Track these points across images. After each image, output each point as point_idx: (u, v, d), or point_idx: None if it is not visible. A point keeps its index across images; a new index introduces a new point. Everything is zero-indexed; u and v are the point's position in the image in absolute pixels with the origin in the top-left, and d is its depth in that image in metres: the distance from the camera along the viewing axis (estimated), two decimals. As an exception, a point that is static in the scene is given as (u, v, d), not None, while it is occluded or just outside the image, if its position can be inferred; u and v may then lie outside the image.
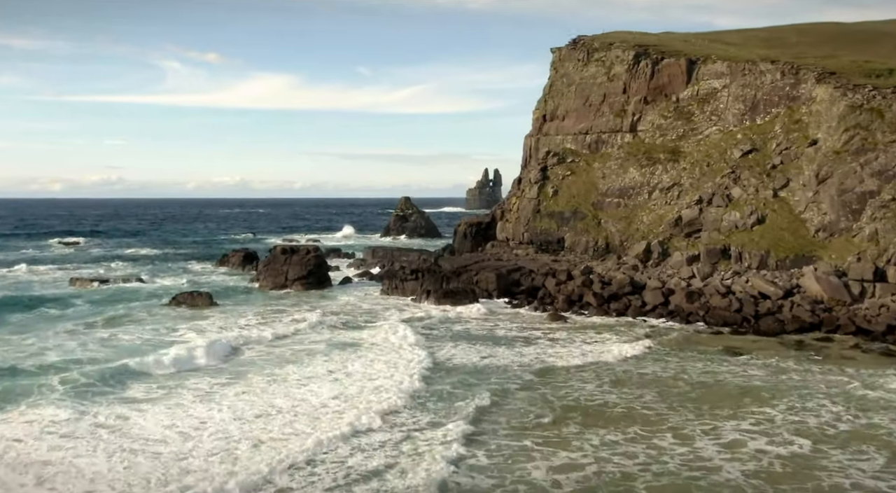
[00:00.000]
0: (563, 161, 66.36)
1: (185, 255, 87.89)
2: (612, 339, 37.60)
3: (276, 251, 60.27)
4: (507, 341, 37.16)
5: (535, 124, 72.57)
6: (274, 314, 44.63)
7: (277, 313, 44.99)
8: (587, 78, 67.60)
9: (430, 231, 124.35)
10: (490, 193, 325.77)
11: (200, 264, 76.42)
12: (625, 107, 64.74)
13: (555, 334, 38.84)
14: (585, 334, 38.66)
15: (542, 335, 38.71)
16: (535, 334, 38.84)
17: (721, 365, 32.27)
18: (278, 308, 47.24)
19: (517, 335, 38.88)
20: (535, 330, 40.20)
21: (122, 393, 26.87)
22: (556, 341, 36.98)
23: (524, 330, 40.36)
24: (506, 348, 35.49)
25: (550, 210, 63.99)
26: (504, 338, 38.25)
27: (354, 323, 42.04)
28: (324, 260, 60.06)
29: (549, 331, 40.06)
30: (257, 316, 43.48)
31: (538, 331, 39.97)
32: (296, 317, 43.40)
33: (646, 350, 33.83)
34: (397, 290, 53.59)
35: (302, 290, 56.46)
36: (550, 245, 63.46)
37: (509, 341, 37.13)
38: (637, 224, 57.29)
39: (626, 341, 36.94)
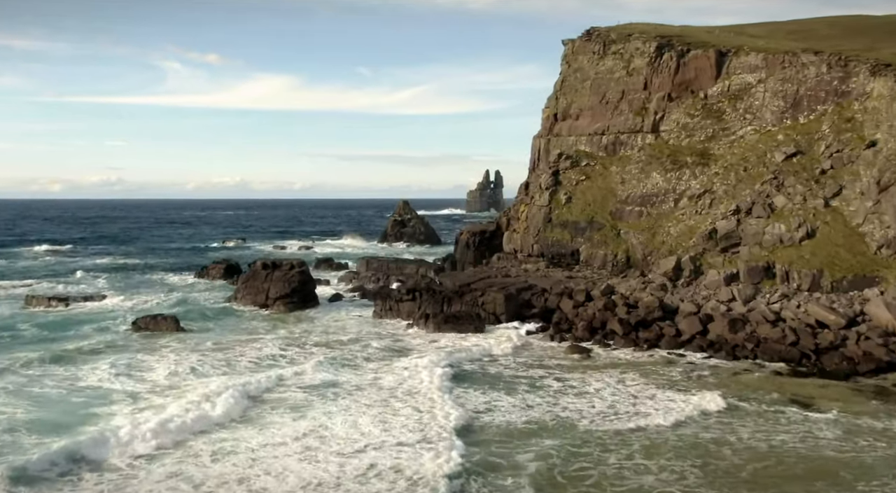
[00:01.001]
0: (577, 165, 59.86)
1: (166, 265, 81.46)
2: (646, 384, 31.02)
3: (257, 266, 53.78)
4: (514, 384, 30.64)
5: (544, 124, 66.07)
6: (243, 346, 38.07)
7: (247, 344, 38.43)
8: (603, 73, 61.07)
9: (430, 237, 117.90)
10: (491, 195, 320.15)
11: (180, 276, 69.99)
12: (646, 104, 58.24)
13: (575, 375, 32.30)
14: (613, 376, 32.09)
15: (560, 375, 32.19)
16: (552, 376, 32.27)
17: (779, 423, 25.80)
18: (250, 337, 40.77)
19: (529, 375, 32.36)
20: (551, 369, 33.67)
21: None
22: (577, 388, 30.41)
23: (538, 367, 33.85)
24: (510, 394, 29.04)
25: (563, 219, 57.50)
26: (513, 379, 31.75)
27: (339, 360, 35.46)
28: (309, 276, 53.55)
29: (568, 369, 33.56)
30: (219, 351, 36.75)
31: (555, 370, 33.45)
32: (263, 351, 36.81)
33: (694, 412, 27.00)
34: (391, 311, 47.10)
35: (285, 310, 50.09)
36: (563, 259, 56.97)
37: (516, 384, 30.59)
38: (662, 236, 50.78)
39: (663, 384, 30.42)
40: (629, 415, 26.59)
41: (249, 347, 37.75)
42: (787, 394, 29.11)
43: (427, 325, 42.35)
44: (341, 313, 49.48)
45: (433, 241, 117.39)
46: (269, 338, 40.15)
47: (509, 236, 60.93)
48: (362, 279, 65.81)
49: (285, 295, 51.22)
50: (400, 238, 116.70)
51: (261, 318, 47.28)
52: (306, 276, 53.00)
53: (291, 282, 51.90)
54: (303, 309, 50.64)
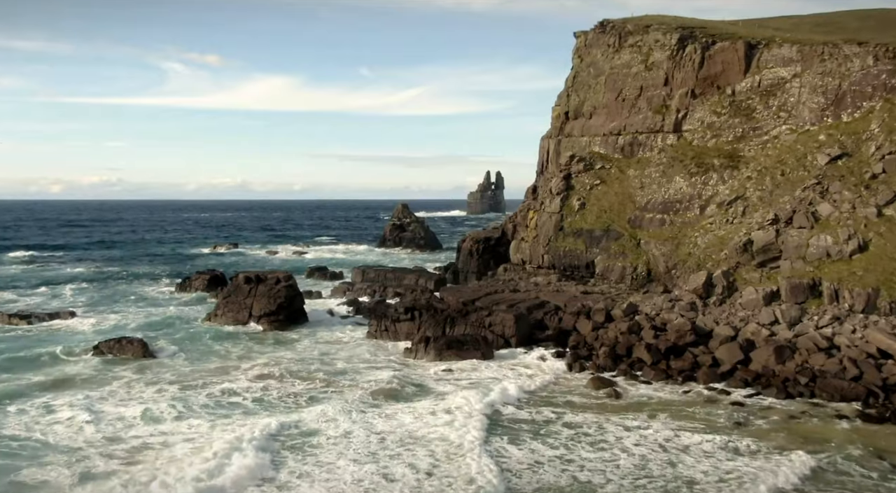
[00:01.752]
0: (591, 168, 54.85)
1: (148, 273, 76.34)
2: (685, 432, 25.95)
3: (239, 280, 48.72)
4: (519, 432, 25.58)
5: (554, 123, 61.05)
6: (209, 377, 32.98)
7: (214, 376, 33.34)
8: (619, 67, 56.06)
9: (430, 242, 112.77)
10: (492, 197, 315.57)
11: (160, 288, 64.94)
12: (667, 102, 53.23)
13: (597, 417, 27.25)
14: (644, 421, 27.02)
15: (578, 418, 27.14)
16: (567, 419, 27.21)
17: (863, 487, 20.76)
18: (222, 364, 35.82)
19: (542, 418, 27.30)
20: (567, 408, 28.62)
21: None
22: (599, 437, 25.34)
23: (552, 405, 28.82)
24: (514, 443, 23.95)
25: (576, 227, 52.48)
26: (521, 422, 26.70)
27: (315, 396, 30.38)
28: (297, 291, 48.46)
29: (592, 410, 28.51)
30: (179, 386, 31.56)
31: (573, 409, 28.41)
32: (236, 383, 31.71)
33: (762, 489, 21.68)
34: (387, 332, 42.05)
35: (269, 328, 45.20)
36: (577, 271, 51.96)
37: (523, 432, 25.54)
38: (688, 247, 45.76)
39: (708, 433, 25.36)
40: (666, 481, 21.50)
41: (217, 379, 32.74)
42: (868, 447, 24.01)
43: (428, 351, 37.26)
44: (332, 333, 44.46)
45: (433, 246, 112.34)
46: (244, 367, 35.14)
47: (517, 246, 55.89)
48: (357, 292, 60.79)
49: (270, 313, 46.24)
50: (399, 243, 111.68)
51: (240, 340, 42.18)
52: (293, 291, 47.94)
53: (277, 298, 46.88)
54: (289, 328, 45.73)
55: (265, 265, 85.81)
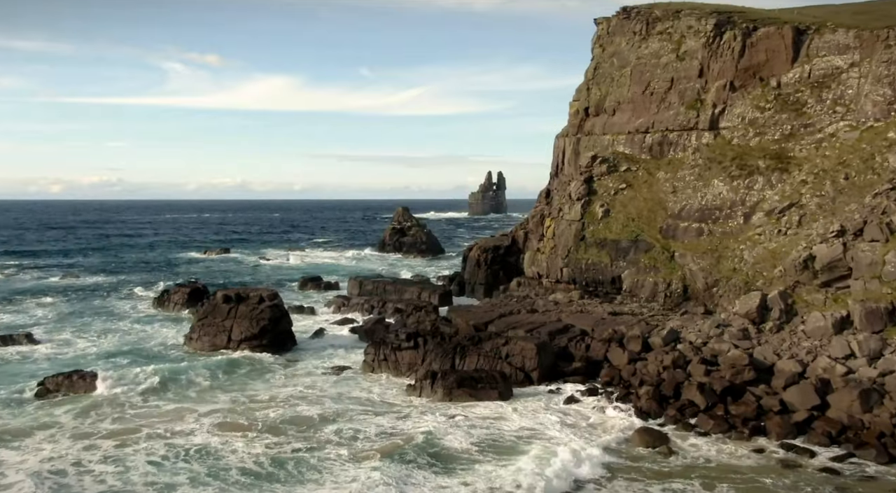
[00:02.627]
0: (615, 170, 48.89)
1: (128, 284, 70.33)
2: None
3: (217, 299, 42.74)
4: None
5: (572, 120, 55.07)
6: (158, 426, 26.94)
7: (165, 424, 27.29)
8: (647, 57, 50.08)
9: (432, 247, 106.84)
10: (493, 197, 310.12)
11: (137, 302, 58.94)
12: (701, 95, 47.30)
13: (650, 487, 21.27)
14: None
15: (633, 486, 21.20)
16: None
17: None
18: (177, 406, 29.90)
19: None
20: (623, 475, 22.65)
21: None
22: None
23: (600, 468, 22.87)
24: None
25: (600, 237, 46.52)
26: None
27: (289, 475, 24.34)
28: (283, 312, 42.50)
29: (643, 476, 22.55)
30: (113, 442, 25.42)
31: (626, 478, 22.44)
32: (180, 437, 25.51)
33: None
34: (386, 363, 36.06)
35: (250, 353, 39.28)
36: (601, 287, 46.02)
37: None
38: (732, 262, 39.80)
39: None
40: None
41: (167, 428, 26.80)
42: None
43: (435, 389, 31.26)
44: (322, 362, 38.51)
45: (435, 250, 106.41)
46: (206, 410, 29.20)
47: (532, 257, 49.89)
48: (353, 307, 54.83)
49: (252, 336, 40.33)
50: (399, 248, 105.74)
51: (213, 369, 36.10)
52: (279, 311, 41.97)
53: (260, 320, 40.94)
54: (274, 353, 39.80)
55: (256, 273, 79.92)
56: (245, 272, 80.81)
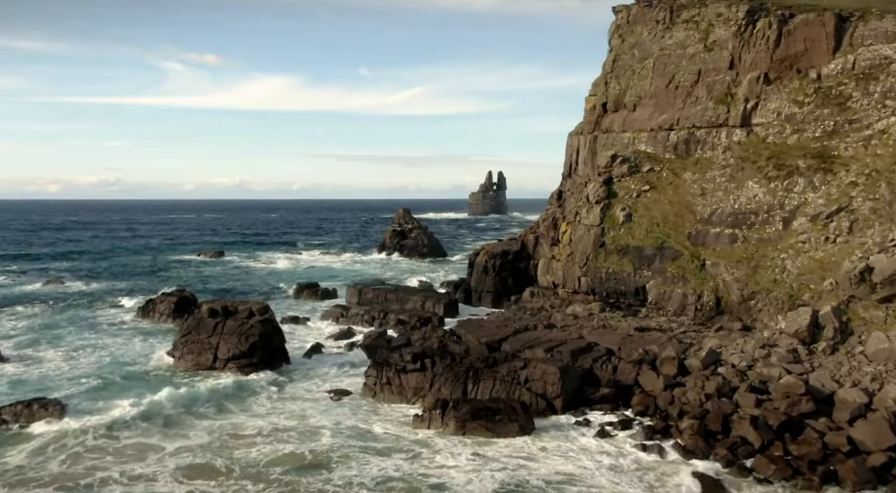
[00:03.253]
0: (638, 170, 44.99)
1: (113, 290, 66.43)
2: None
3: (202, 312, 38.79)
4: None
5: (588, 117, 51.15)
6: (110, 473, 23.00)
7: (128, 464, 23.37)
8: (672, 48, 46.17)
9: (434, 249, 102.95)
10: (494, 197, 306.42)
11: (121, 312, 54.98)
12: (732, 89, 43.41)
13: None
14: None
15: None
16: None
17: None
18: (141, 442, 25.97)
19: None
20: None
21: None
22: None
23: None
24: None
25: (621, 244, 42.61)
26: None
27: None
28: (275, 327, 38.57)
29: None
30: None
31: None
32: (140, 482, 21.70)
33: None
34: (390, 387, 32.12)
35: (239, 374, 35.46)
36: (623, 297, 42.12)
37: None
38: (771, 272, 35.92)
39: None
40: None
41: (123, 470, 23.08)
42: None
43: (446, 421, 27.33)
44: (316, 383, 34.63)
45: (437, 253, 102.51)
46: (175, 448, 25.38)
47: (546, 265, 45.95)
48: (352, 318, 50.91)
49: (240, 355, 36.44)
50: (400, 251, 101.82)
51: (194, 394, 32.18)
52: (270, 326, 38.04)
53: (249, 336, 37.02)
54: (265, 371, 35.95)
55: (249, 278, 75.96)
56: (238, 277, 76.87)
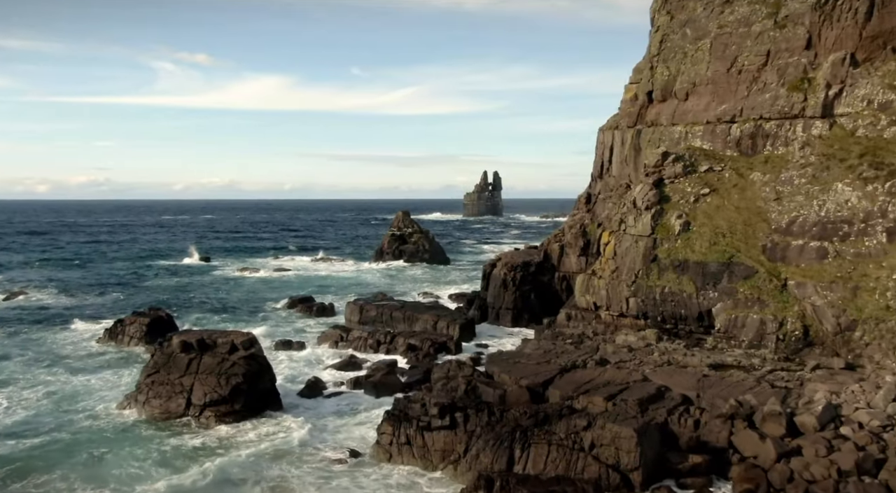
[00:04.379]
0: (694, 170, 38.00)
1: (81, 307, 59.10)
2: None
3: (173, 346, 31.47)
4: None
5: (627, 108, 44.14)
6: None
7: None
8: (733, 25, 39.21)
9: (436, 255, 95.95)
10: (490, 198, 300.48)
11: (85, 335, 47.63)
12: (809, 73, 36.46)
13: None
14: None
15: None
16: None
17: None
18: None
19: None
20: None
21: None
22: None
23: None
24: None
25: (679, 258, 35.58)
26: None
27: None
28: (263, 364, 31.31)
29: None
30: None
31: None
32: None
33: None
34: (410, 447, 25.00)
35: (218, 424, 28.40)
36: (683, 323, 35.09)
37: None
38: (879, 296, 28.97)
39: None
40: None
41: None
42: None
43: (492, 509, 20.20)
44: (314, 437, 27.46)
45: (439, 259, 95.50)
46: None
47: (585, 283, 38.82)
48: (353, 342, 43.78)
49: (220, 400, 29.27)
50: (399, 256, 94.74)
51: (155, 455, 25.02)
52: (257, 364, 30.80)
53: (231, 376, 29.82)
54: (249, 419, 28.85)
55: (236, 289, 68.63)
56: (223, 288, 69.53)
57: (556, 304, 50.36)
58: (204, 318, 53.01)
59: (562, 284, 51.31)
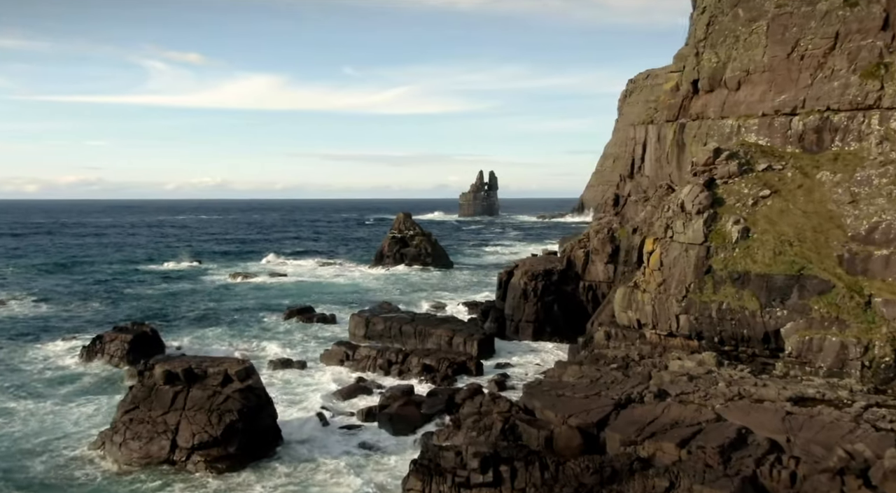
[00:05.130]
0: (750, 169, 33.43)
1: (57, 318, 54.21)
2: None
3: (155, 377, 26.67)
4: None
5: (667, 100, 39.55)
6: None
7: None
8: (793, 4, 34.61)
9: (439, 259, 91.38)
10: (486, 198, 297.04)
11: (60, 352, 42.80)
12: (886, 58, 31.92)
13: None
14: None
15: None
16: None
17: None
18: None
19: None
20: None
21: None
22: None
23: None
24: None
25: (738, 270, 30.98)
26: None
27: None
28: (262, 398, 26.57)
29: None
30: None
31: None
32: None
33: None
34: (446, 510, 20.30)
35: (209, 472, 23.68)
36: (746, 345, 30.51)
37: None
38: None
39: None
40: None
41: None
42: None
43: None
44: (325, 487, 22.78)
45: (442, 263, 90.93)
46: None
47: (626, 298, 34.14)
48: (361, 361, 39.12)
49: (211, 441, 24.53)
50: (400, 260, 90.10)
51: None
52: (255, 398, 26.07)
53: (224, 413, 25.10)
54: (246, 467, 24.15)
55: (227, 298, 63.77)
56: (214, 297, 64.64)
57: (582, 316, 45.86)
58: (194, 332, 48.20)
59: (587, 294, 46.78)
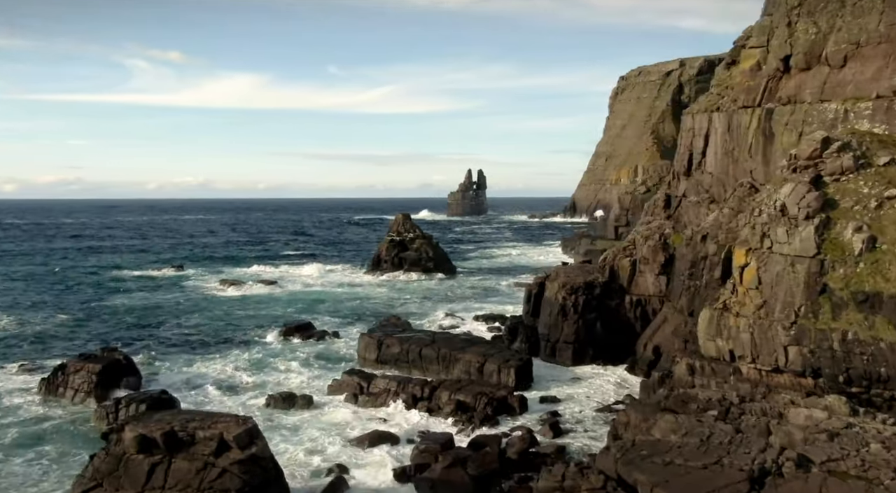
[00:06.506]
0: (868, 163, 27.12)
1: (16, 338, 47.13)
2: None
3: (126, 444, 19.82)
4: None
5: (745, 81, 33.19)
6: None
7: None
8: (916, -39, 28.34)
9: (441, 264, 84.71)
10: (474, 197, 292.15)
11: (14, 387, 35.85)
12: None
13: None
14: None
15: None
16: None
17: None
18: None
19: None
20: None
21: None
22: None
23: None
24: None
25: (863, 290, 24.66)
26: None
27: None
28: (269, 470, 19.80)
29: None
30: None
31: None
32: None
33: None
34: None
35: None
36: (881, 387, 24.14)
37: None
38: None
39: None
40: None
41: None
42: None
43: None
44: None
45: (445, 268, 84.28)
46: None
47: (714, 322, 27.68)
48: (379, 396, 32.47)
49: (201, 536, 17.69)
50: (399, 265, 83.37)
51: None
52: (261, 472, 19.33)
53: (222, 490, 18.32)
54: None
55: (213, 311, 56.80)
56: (198, 310, 57.60)
57: (629, 336, 39.58)
58: (176, 358, 41.24)
59: (635, 310, 40.43)
